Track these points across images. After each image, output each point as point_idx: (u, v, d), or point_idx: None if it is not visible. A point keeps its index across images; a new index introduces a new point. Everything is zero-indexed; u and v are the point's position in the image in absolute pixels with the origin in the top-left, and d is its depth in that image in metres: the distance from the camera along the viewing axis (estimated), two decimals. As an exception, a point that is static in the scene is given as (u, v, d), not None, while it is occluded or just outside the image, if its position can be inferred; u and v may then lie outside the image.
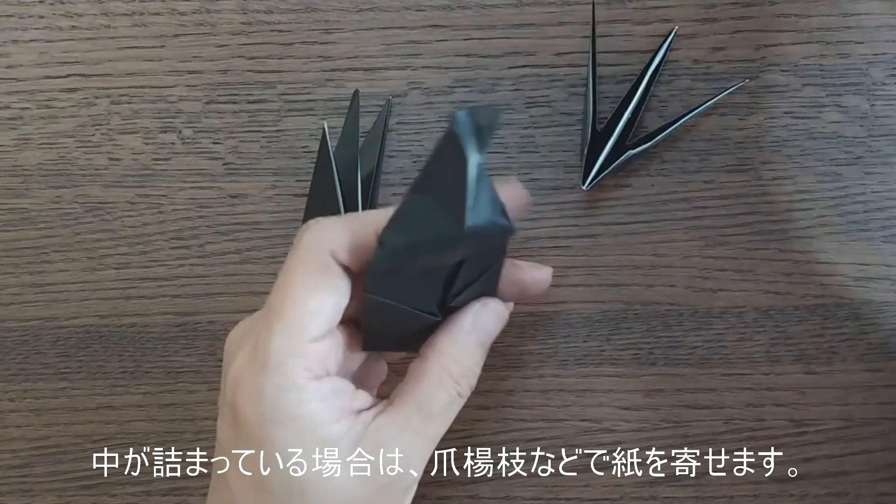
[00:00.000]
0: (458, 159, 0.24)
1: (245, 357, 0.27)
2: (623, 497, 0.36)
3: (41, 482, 0.37)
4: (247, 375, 0.26)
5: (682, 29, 0.36)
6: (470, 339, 0.29)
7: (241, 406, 0.26)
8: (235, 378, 0.27)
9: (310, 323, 0.26)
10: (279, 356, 0.26)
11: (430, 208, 0.25)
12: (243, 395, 0.26)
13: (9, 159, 0.38)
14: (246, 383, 0.26)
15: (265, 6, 0.37)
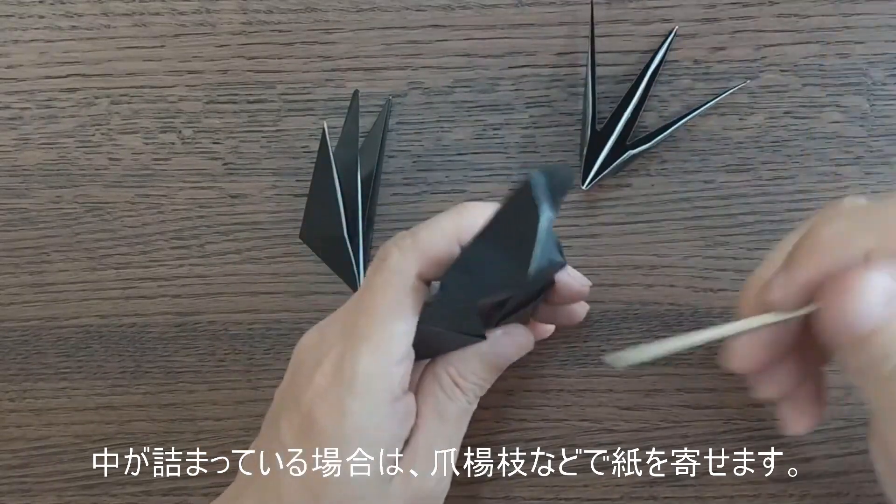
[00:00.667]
0: (529, 217, 0.24)
1: (329, 373, 0.27)
2: (623, 497, 0.36)
3: (41, 482, 0.37)
4: (332, 393, 0.27)
5: (682, 29, 0.36)
6: (486, 360, 0.30)
7: (321, 420, 0.27)
8: (318, 392, 0.27)
9: (395, 346, 0.27)
10: (366, 379, 0.26)
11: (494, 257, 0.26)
12: (326, 411, 0.27)
13: (9, 159, 0.38)
14: (330, 401, 0.27)
15: (265, 6, 0.37)
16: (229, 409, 0.37)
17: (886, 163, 0.36)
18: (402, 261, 0.27)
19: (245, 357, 0.37)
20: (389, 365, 0.27)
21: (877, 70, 0.36)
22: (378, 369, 0.27)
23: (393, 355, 0.27)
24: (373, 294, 0.27)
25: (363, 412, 0.27)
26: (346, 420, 0.26)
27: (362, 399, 0.26)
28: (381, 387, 0.27)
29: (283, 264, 0.37)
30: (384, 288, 0.27)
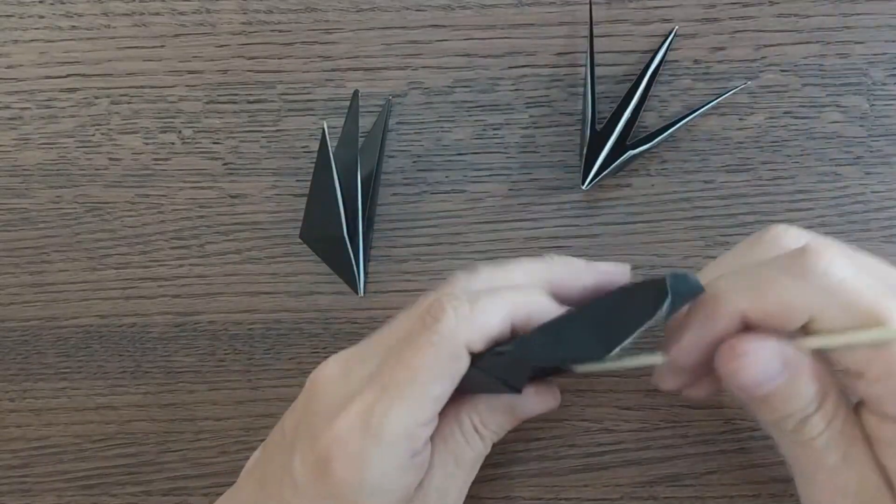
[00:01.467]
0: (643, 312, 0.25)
1: (355, 423, 0.26)
2: (623, 497, 0.36)
3: (41, 482, 0.37)
4: (355, 444, 0.26)
5: (682, 29, 0.36)
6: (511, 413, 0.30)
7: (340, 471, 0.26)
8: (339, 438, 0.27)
9: (429, 408, 0.27)
10: (394, 436, 0.26)
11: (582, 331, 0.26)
12: (345, 462, 0.26)
13: (9, 159, 0.38)
14: (351, 452, 0.26)
15: (265, 6, 0.37)
16: (229, 409, 0.37)
17: (886, 163, 0.36)
18: (454, 328, 0.26)
19: (245, 357, 0.37)
20: (418, 426, 0.27)
21: (877, 70, 0.36)
22: (407, 430, 0.26)
23: (424, 417, 0.27)
24: (416, 352, 0.26)
25: (383, 468, 0.26)
26: (365, 475, 0.26)
27: (385, 457, 0.26)
28: (406, 446, 0.26)
29: (283, 264, 0.37)
30: (428, 349, 0.26)
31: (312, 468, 0.27)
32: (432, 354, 0.26)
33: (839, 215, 0.36)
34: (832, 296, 0.24)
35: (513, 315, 0.27)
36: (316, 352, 0.37)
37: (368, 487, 0.26)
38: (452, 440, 0.29)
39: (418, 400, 0.26)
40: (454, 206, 0.37)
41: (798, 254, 0.25)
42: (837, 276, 0.24)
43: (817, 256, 0.25)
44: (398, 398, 0.26)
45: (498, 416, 0.29)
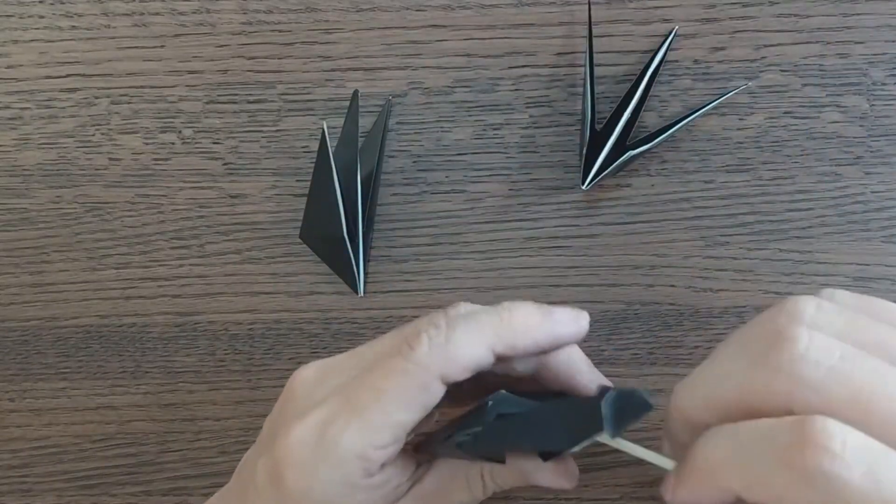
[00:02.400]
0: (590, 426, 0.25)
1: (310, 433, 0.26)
2: (623, 497, 0.36)
3: (41, 482, 0.37)
4: (307, 452, 0.26)
5: (682, 29, 0.36)
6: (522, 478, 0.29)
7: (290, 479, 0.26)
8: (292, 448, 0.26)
9: (389, 433, 0.26)
10: (346, 453, 0.26)
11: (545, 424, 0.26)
12: (296, 473, 0.26)
13: (9, 159, 0.38)
14: (304, 460, 0.26)
15: (265, 6, 0.37)
16: (229, 409, 0.37)
17: (886, 163, 0.36)
18: (428, 357, 0.25)
19: (245, 357, 0.37)
20: (373, 449, 0.26)
21: (877, 70, 0.36)
22: (361, 450, 0.26)
23: (381, 440, 0.26)
24: (385, 376, 0.26)
25: (331, 484, 0.26)
26: (312, 487, 0.26)
27: (334, 473, 0.26)
28: (358, 465, 0.26)
29: (283, 264, 0.37)
30: (399, 376, 0.26)
31: (269, 472, 0.27)
32: (401, 382, 0.26)
33: (839, 215, 0.36)
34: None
35: (493, 344, 0.26)
36: (316, 352, 0.37)
37: (315, 500, 0.26)
38: (454, 479, 0.29)
39: (378, 423, 0.26)
40: (454, 206, 0.37)
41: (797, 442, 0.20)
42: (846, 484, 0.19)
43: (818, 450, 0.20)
44: (357, 417, 0.26)
45: (508, 475, 0.29)
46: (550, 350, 0.28)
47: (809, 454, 0.20)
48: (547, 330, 0.27)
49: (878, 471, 0.19)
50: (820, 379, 0.21)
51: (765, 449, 0.21)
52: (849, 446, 0.20)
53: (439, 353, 0.26)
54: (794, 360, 0.21)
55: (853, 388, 0.21)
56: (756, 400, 0.22)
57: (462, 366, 0.26)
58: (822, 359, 0.21)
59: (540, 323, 0.27)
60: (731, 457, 0.22)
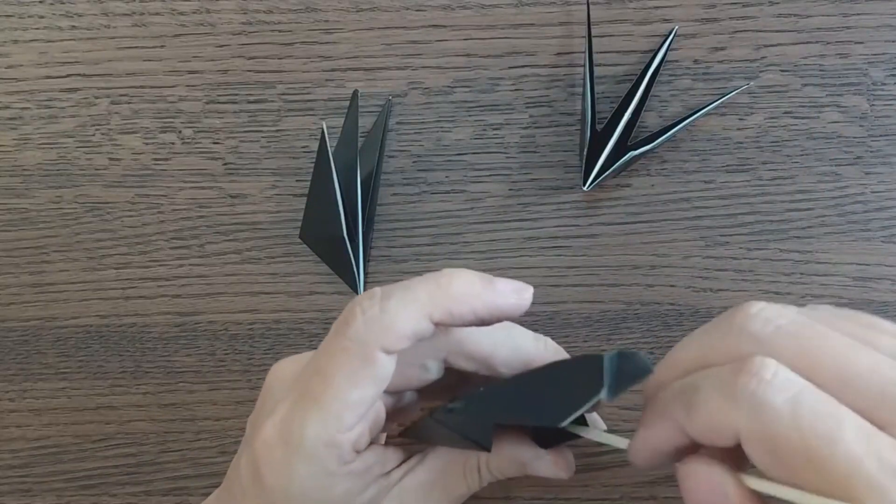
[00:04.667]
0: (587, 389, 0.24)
1: (277, 429, 0.26)
2: (623, 497, 0.36)
3: (41, 482, 0.37)
4: (279, 452, 0.26)
5: (682, 29, 0.36)
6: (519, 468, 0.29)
7: (269, 479, 0.26)
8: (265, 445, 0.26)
9: (347, 415, 0.26)
10: (314, 446, 0.26)
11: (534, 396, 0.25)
12: (272, 469, 0.26)
13: (9, 159, 0.38)
14: (276, 459, 0.26)
15: (265, 6, 0.37)
16: (229, 409, 0.37)
17: (886, 163, 0.36)
18: (364, 330, 0.25)
19: (245, 357, 0.37)
20: (338, 433, 0.26)
21: (877, 70, 0.36)
22: (327, 437, 0.25)
23: (343, 423, 0.25)
24: (329, 359, 0.26)
25: (308, 477, 0.26)
26: (290, 483, 0.26)
27: (308, 466, 0.26)
28: (329, 454, 0.26)
29: (283, 264, 0.37)
30: (341, 355, 0.25)
31: (251, 472, 0.27)
32: (344, 360, 0.25)
33: (839, 215, 0.36)
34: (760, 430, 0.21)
35: (429, 311, 0.26)
36: (316, 352, 0.37)
37: (296, 496, 0.26)
38: (450, 469, 0.29)
39: (334, 408, 0.25)
40: (454, 206, 0.37)
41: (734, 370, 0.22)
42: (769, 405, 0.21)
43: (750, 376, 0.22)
44: (314, 407, 0.25)
45: (505, 465, 0.29)
46: (491, 322, 0.27)
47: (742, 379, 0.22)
48: (486, 300, 0.26)
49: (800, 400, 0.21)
50: (768, 334, 0.23)
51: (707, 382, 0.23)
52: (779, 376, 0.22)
53: (375, 325, 0.25)
54: (747, 319, 0.23)
55: (799, 344, 0.22)
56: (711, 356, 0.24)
57: (399, 334, 0.25)
58: (772, 318, 0.23)
59: (479, 292, 0.26)
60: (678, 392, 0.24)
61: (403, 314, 0.25)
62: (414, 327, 0.25)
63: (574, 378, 0.25)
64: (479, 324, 0.27)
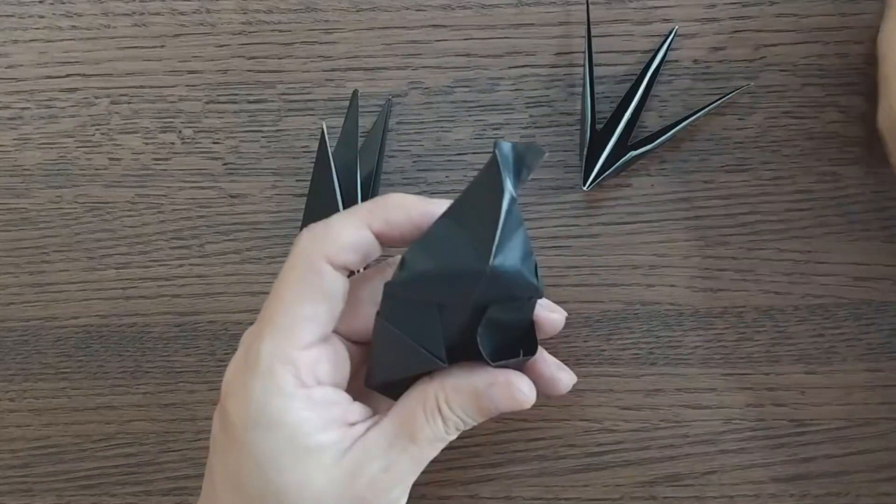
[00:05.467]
0: (493, 190, 0.23)
1: (237, 361, 0.27)
2: (623, 497, 0.36)
3: (41, 482, 0.37)
4: (237, 379, 0.27)
5: (682, 29, 0.36)
6: (476, 400, 0.28)
7: (230, 408, 0.27)
8: (227, 381, 0.27)
9: (301, 330, 0.26)
10: (269, 361, 0.26)
11: (458, 237, 0.25)
12: (232, 398, 0.27)
13: (9, 159, 0.38)
14: (236, 387, 0.27)
15: (265, 6, 0.37)
16: (229, 409, 0.37)
17: (886, 163, 0.36)
18: (309, 244, 0.27)
19: (245, 357, 0.37)
20: (293, 349, 0.26)
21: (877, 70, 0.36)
22: (280, 352, 0.26)
23: (297, 339, 0.26)
24: (280, 280, 0.27)
25: (265, 397, 0.26)
26: (249, 403, 0.26)
27: (263, 381, 0.26)
28: (284, 371, 0.26)
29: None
30: (290, 272, 0.27)
31: (218, 417, 0.27)
32: (293, 276, 0.27)
33: (839, 215, 0.36)
34: None
35: (368, 220, 0.27)
36: (316, 352, 0.37)
37: (253, 419, 0.26)
38: (413, 414, 0.28)
39: (286, 323, 0.26)
40: (454, 206, 0.37)
41: None
42: None
43: None
44: (268, 326, 0.26)
45: (462, 397, 0.28)
46: None
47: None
48: (422, 208, 0.27)
49: None
50: None
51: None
52: None
53: (319, 238, 0.27)
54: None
55: None
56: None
57: (342, 243, 0.26)
58: None
59: (415, 202, 0.27)
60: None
61: (344, 225, 0.27)
62: (355, 236, 0.27)
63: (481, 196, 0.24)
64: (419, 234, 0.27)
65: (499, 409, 0.28)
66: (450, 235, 0.25)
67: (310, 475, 0.26)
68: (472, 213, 0.25)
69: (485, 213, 0.24)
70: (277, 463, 0.26)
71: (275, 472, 0.26)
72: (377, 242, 0.27)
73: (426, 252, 0.25)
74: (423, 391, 0.28)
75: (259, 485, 0.26)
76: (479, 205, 0.24)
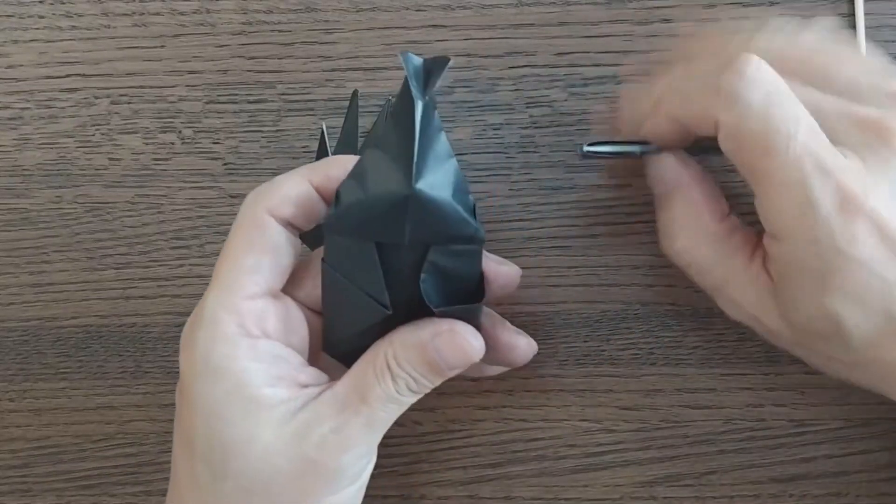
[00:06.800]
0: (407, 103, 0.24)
1: (189, 321, 0.27)
2: (623, 497, 0.36)
3: (41, 482, 0.37)
4: (186, 333, 0.27)
5: (681, 29, 0.36)
6: (423, 353, 0.27)
7: (182, 364, 0.27)
8: (183, 335, 0.28)
9: (245, 280, 0.27)
10: (212, 311, 0.26)
11: (382, 162, 0.25)
12: (183, 353, 0.27)
13: (9, 159, 0.38)
14: (185, 342, 0.27)
15: (265, 6, 0.37)
16: (229, 409, 0.37)
17: (886, 163, 0.35)
18: (253, 198, 0.28)
19: (245, 357, 0.37)
20: (236, 299, 0.26)
21: (877, 70, 0.36)
22: (224, 302, 0.26)
23: (241, 290, 0.27)
24: (228, 238, 0.28)
25: (207, 341, 0.26)
26: (194, 353, 0.26)
27: (206, 329, 0.26)
28: (228, 319, 0.26)
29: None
30: (235, 230, 0.28)
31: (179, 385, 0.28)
32: (238, 231, 0.27)
33: (839, 215, 0.36)
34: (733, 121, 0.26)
35: (308, 175, 0.28)
36: (316, 352, 0.37)
37: (198, 368, 0.26)
38: (363, 374, 0.27)
39: (232, 275, 0.27)
40: (454, 206, 0.37)
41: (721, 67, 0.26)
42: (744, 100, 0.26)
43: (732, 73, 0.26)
44: (216, 280, 0.27)
45: (410, 352, 0.27)
46: None
47: (726, 76, 0.26)
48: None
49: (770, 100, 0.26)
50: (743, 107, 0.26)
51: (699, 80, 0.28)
52: (761, 73, 0.26)
53: (262, 193, 0.28)
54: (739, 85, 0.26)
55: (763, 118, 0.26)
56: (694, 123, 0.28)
57: (283, 195, 0.27)
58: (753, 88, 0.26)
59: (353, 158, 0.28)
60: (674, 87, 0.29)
61: (286, 180, 0.28)
62: (296, 189, 0.27)
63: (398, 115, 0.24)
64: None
65: (448, 363, 0.27)
66: (375, 163, 0.25)
67: (257, 429, 0.26)
68: (392, 136, 0.25)
69: (403, 131, 0.24)
70: (223, 413, 0.26)
71: (222, 423, 0.26)
72: (318, 197, 0.28)
73: (355, 183, 0.26)
74: (374, 351, 0.27)
75: (206, 438, 0.26)
76: (397, 125, 0.25)
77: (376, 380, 0.27)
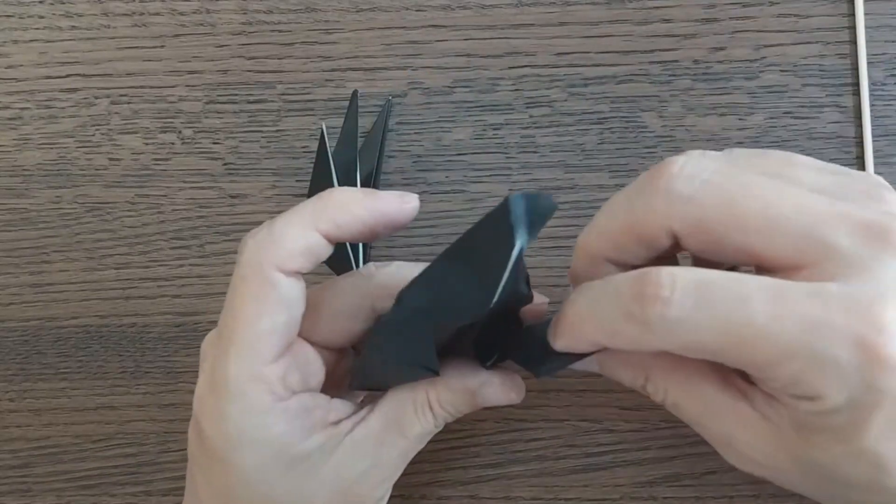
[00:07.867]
0: (502, 242, 0.22)
1: (205, 380, 0.27)
2: (623, 497, 0.36)
3: (41, 482, 0.37)
4: (209, 401, 0.26)
5: (681, 29, 0.36)
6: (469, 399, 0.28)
7: (208, 430, 0.26)
8: (199, 399, 0.27)
9: (264, 345, 0.26)
10: (238, 383, 0.25)
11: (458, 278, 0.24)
12: (207, 419, 0.26)
13: (9, 159, 0.38)
14: (209, 408, 0.26)
15: (265, 6, 0.37)
16: (229, 409, 0.37)
17: (886, 163, 0.36)
18: (256, 254, 0.25)
19: (245, 357, 0.37)
20: (260, 366, 0.25)
21: (877, 70, 0.36)
22: (249, 372, 0.25)
23: (262, 356, 0.25)
24: (234, 292, 0.26)
25: (242, 418, 0.26)
26: (226, 429, 0.26)
27: (238, 403, 0.25)
28: (257, 388, 0.25)
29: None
30: (241, 286, 0.25)
31: (195, 434, 0.27)
32: (245, 290, 0.25)
33: (839, 215, 0.36)
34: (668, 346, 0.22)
35: (314, 224, 0.26)
36: (316, 352, 0.37)
37: (233, 441, 0.26)
38: (402, 410, 0.27)
39: (249, 341, 0.25)
40: (454, 206, 0.37)
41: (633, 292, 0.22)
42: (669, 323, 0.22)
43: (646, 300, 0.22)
44: (230, 345, 0.25)
45: (456, 396, 0.27)
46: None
47: (645, 306, 0.22)
48: (368, 205, 0.26)
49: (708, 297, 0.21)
50: (694, 191, 0.22)
51: (612, 304, 0.23)
52: (678, 287, 0.21)
53: (264, 245, 0.25)
54: (671, 179, 0.23)
55: (724, 195, 0.22)
56: (640, 224, 0.24)
57: (290, 250, 0.25)
58: (696, 174, 0.23)
59: (361, 198, 0.26)
60: (588, 312, 0.24)
61: (290, 230, 0.25)
62: (303, 241, 0.25)
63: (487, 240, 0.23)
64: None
65: (493, 404, 0.28)
66: (450, 275, 0.24)
67: (300, 481, 0.26)
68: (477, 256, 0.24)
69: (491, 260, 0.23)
70: (266, 477, 0.26)
71: (265, 485, 0.26)
72: (326, 242, 0.26)
73: (423, 291, 0.25)
74: (412, 387, 0.28)
75: (248, 498, 0.26)
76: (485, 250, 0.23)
77: (416, 417, 0.27)
